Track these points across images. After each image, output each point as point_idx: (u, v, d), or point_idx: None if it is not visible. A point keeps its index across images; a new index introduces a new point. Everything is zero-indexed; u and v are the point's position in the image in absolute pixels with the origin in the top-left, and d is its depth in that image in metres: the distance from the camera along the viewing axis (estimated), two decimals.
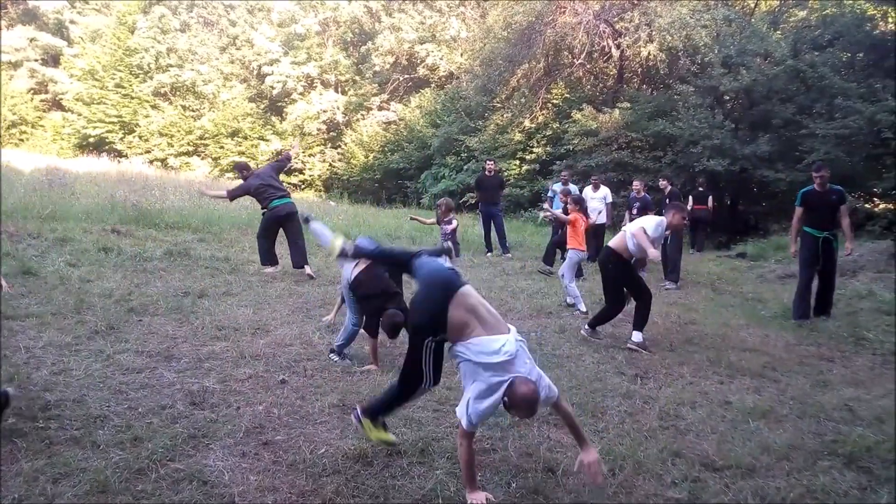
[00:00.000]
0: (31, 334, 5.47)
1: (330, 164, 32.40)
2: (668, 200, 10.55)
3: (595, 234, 12.11)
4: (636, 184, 11.94)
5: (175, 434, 3.75)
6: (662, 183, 11.85)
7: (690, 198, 15.08)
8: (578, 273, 9.55)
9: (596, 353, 6.01)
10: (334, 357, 5.42)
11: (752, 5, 21.92)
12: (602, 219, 12.03)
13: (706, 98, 18.67)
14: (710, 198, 15.34)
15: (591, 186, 12.44)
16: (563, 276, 8.24)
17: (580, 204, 8.70)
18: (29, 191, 13.08)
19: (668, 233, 6.77)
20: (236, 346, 5.59)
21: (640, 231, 6.16)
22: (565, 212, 9.76)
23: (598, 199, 12.02)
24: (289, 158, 10.54)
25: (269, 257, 9.17)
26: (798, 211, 7.81)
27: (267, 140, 32.94)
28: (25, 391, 4.21)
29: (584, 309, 7.84)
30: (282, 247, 9.50)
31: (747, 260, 13.13)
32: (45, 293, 6.84)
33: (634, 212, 11.19)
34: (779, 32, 19.49)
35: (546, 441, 3.98)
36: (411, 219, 12.36)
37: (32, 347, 5.15)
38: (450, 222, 10.06)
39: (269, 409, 4.26)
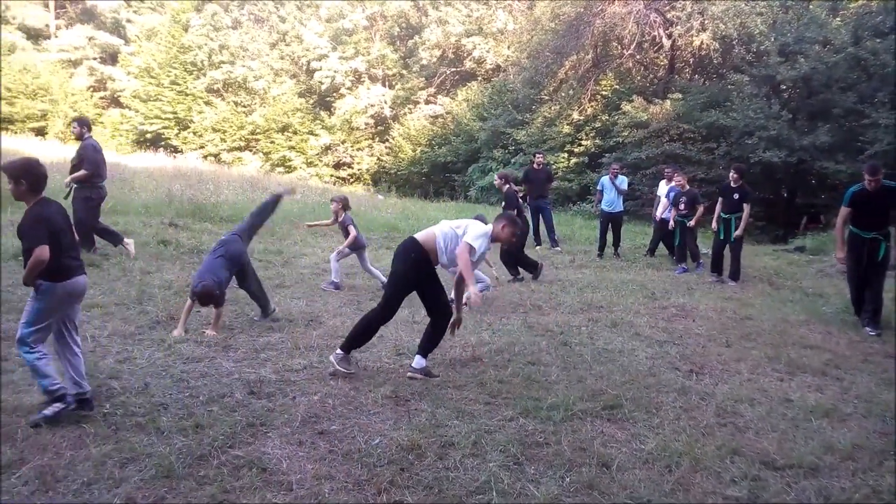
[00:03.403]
0: (97, 324, 5.70)
1: (378, 158, 32.67)
2: (735, 196, 9.44)
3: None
4: (678, 177, 11.05)
5: (234, 422, 3.85)
6: (734, 175, 9.76)
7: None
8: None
9: (649, 349, 5.91)
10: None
11: None
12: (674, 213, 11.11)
13: (762, 87, 18.12)
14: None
15: (665, 180, 12.05)
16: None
17: None
18: None
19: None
20: (291, 337, 5.70)
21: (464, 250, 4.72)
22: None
23: None
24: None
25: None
26: (844, 211, 7.04)
27: (316, 135, 33.39)
28: (93, 379, 4.38)
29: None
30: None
31: (806, 254, 12.70)
32: (108, 284, 7.11)
33: (682, 207, 10.50)
34: (838, 19, 18.71)
35: (600, 436, 3.94)
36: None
37: (98, 336, 5.37)
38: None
39: (323, 399, 4.33)
